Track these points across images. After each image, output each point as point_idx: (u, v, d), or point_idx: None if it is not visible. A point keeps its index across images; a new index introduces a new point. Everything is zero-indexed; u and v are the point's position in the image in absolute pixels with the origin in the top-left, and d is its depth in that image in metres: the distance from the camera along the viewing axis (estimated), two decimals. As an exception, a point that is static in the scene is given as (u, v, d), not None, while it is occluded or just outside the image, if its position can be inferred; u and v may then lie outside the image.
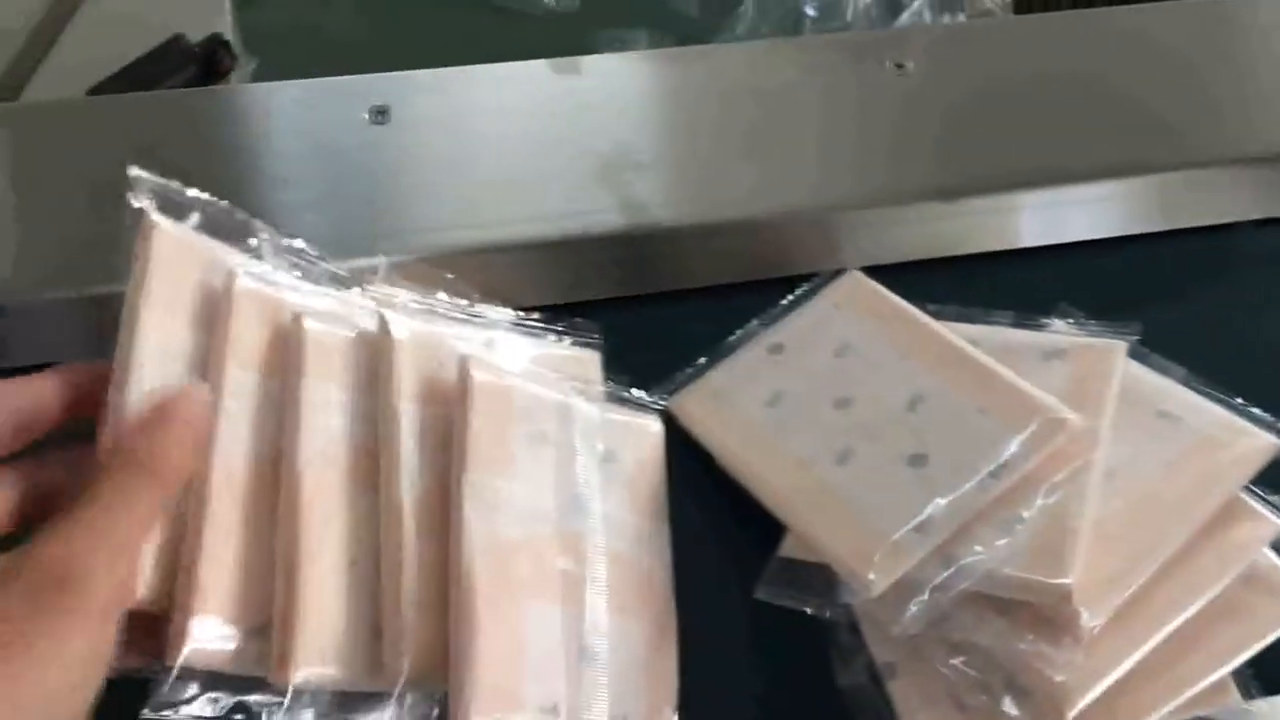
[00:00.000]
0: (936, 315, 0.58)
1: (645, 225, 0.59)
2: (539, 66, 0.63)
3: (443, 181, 0.59)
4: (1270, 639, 0.50)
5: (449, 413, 0.43)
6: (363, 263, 0.55)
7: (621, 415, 0.50)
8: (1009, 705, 0.47)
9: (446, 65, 0.64)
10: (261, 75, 1.23)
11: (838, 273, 0.59)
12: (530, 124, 0.61)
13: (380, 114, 0.61)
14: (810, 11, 1.57)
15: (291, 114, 0.62)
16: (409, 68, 0.63)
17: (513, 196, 0.59)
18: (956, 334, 0.55)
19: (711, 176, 0.60)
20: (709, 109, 0.62)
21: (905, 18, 1.62)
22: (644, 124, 0.61)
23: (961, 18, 1.64)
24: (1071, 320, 0.56)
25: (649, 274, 0.60)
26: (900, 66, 0.63)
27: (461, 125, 0.61)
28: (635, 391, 0.51)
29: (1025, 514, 0.46)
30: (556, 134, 0.61)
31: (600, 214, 0.59)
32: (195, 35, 0.87)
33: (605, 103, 0.62)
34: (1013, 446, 0.47)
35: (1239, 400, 0.55)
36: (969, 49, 0.61)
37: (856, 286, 0.58)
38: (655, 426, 0.51)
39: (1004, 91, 0.63)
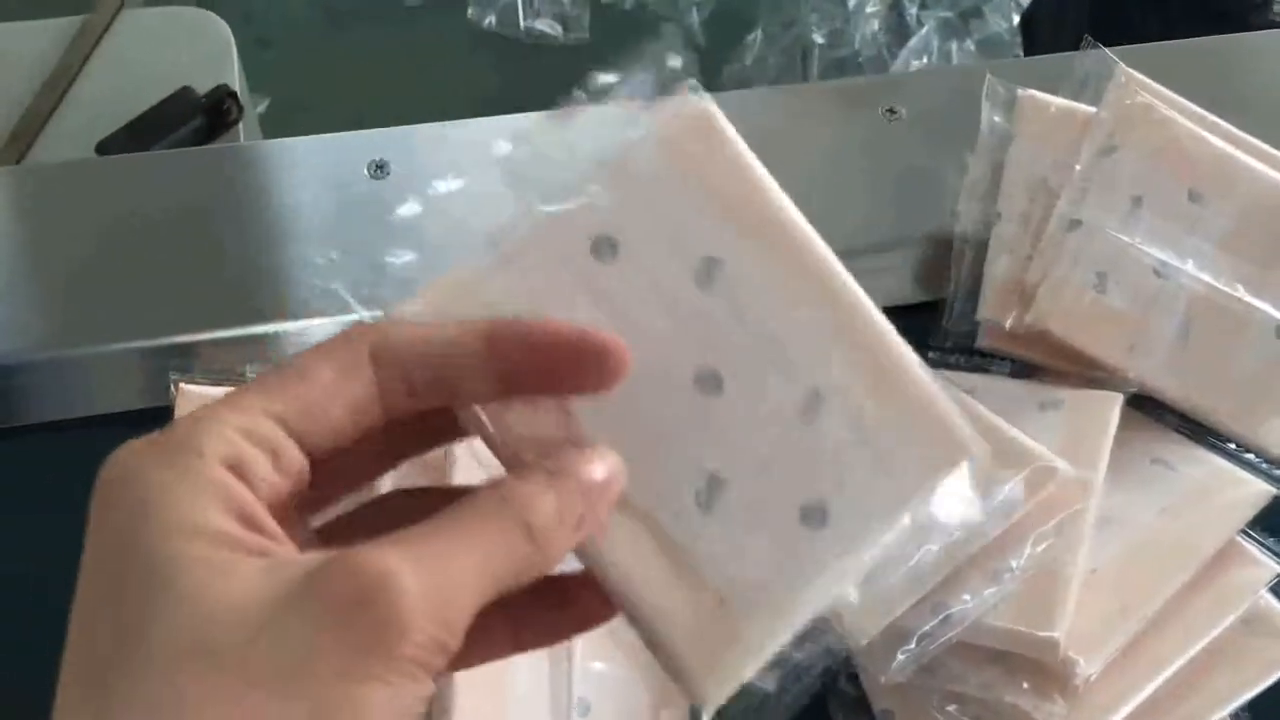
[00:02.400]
0: (935, 364, 0.59)
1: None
2: (537, 119, 0.65)
3: (437, 234, 0.61)
4: (1269, 682, 0.50)
5: None
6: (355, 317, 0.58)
7: None
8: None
9: (460, 102, 0.66)
10: (271, 116, 1.25)
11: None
12: (526, 176, 0.63)
13: (380, 169, 0.63)
14: (818, 39, 1.60)
15: (295, 170, 0.64)
16: (424, 108, 0.65)
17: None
18: (955, 383, 0.56)
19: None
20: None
21: (914, 42, 1.64)
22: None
23: (969, 44, 1.66)
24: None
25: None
26: (893, 112, 0.65)
27: (461, 177, 0.63)
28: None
29: (1015, 564, 0.47)
30: (551, 189, 0.62)
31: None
32: (202, 86, 0.89)
33: (592, 153, 0.63)
34: (1003, 493, 0.48)
35: (1233, 447, 0.56)
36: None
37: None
38: None
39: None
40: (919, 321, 0.60)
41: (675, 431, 0.31)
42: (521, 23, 1.45)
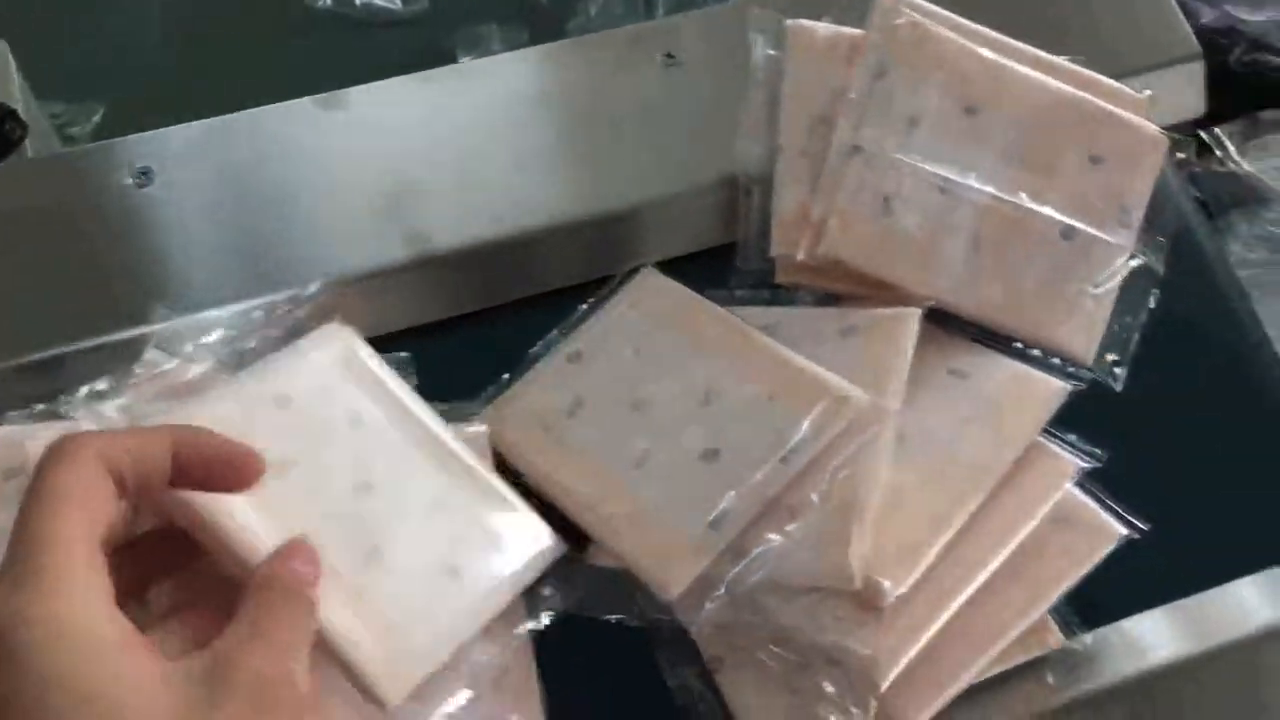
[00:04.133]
0: (742, 301, 0.60)
1: (435, 252, 0.60)
2: (304, 105, 0.63)
3: (214, 239, 0.59)
4: (1082, 574, 0.53)
5: None
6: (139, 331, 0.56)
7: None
8: (827, 685, 0.49)
9: (300, 85, 0.64)
10: (109, 123, 1.20)
11: (633, 271, 0.61)
12: (302, 166, 0.61)
13: (143, 174, 0.61)
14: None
15: (53, 185, 0.62)
16: (263, 97, 0.63)
17: (295, 244, 0.59)
18: (758, 319, 0.57)
19: (494, 193, 0.61)
20: (483, 125, 0.63)
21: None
22: (417, 149, 0.62)
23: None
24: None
25: (447, 299, 0.61)
26: (670, 56, 0.65)
27: (231, 178, 0.61)
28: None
29: (815, 496, 0.48)
30: (330, 173, 0.61)
31: (387, 249, 0.59)
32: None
33: (377, 133, 0.62)
34: (801, 430, 0.49)
35: (1031, 351, 0.58)
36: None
37: (649, 284, 0.60)
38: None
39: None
40: (719, 264, 0.61)
41: (349, 516, 0.45)
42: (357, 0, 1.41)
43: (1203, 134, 1.22)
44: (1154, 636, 0.55)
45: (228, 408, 0.46)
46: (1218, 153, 1.23)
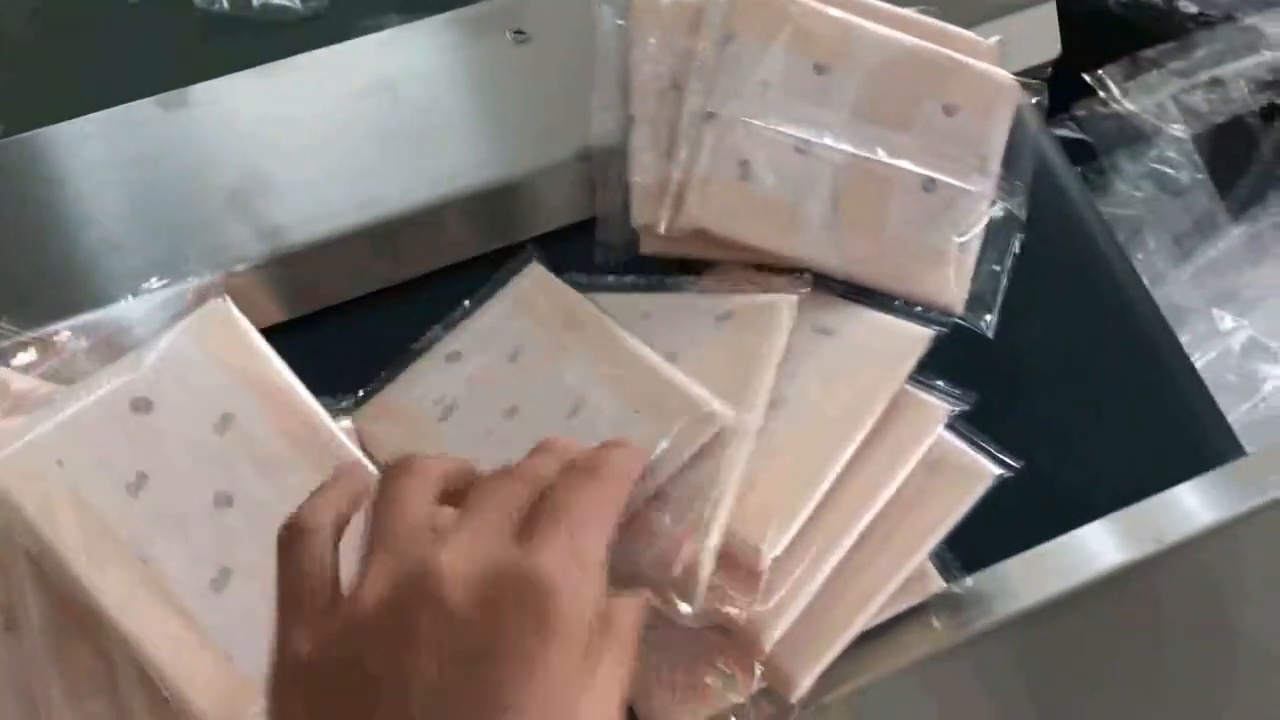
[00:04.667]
0: (621, 287, 0.59)
1: (289, 246, 0.59)
2: (145, 106, 0.62)
3: (53, 249, 0.58)
4: (957, 517, 0.53)
5: None
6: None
7: None
8: (715, 654, 0.49)
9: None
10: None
11: (515, 257, 0.60)
12: (147, 169, 0.60)
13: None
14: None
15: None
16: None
17: (143, 248, 0.58)
18: (635, 306, 0.57)
19: (348, 183, 0.60)
20: (333, 115, 0.62)
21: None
22: (266, 143, 0.61)
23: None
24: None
25: (308, 293, 0.60)
26: (520, 33, 0.64)
27: (70, 185, 0.60)
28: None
29: (667, 518, 0.48)
30: (176, 173, 0.60)
31: (241, 246, 0.58)
32: None
33: (223, 129, 0.61)
34: (660, 448, 0.49)
35: (897, 303, 0.58)
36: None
37: (532, 281, 0.59)
38: None
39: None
40: (582, 242, 0.61)
41: (196, 536, 0.44)
42: (254, 0, 1.39)
43: (1086, 76, 1.24)
44: (1031, 575, 0.55)
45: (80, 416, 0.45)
46: (1101, 94, 1.25)
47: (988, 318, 0.60)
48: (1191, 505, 0.58)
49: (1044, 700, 0.55)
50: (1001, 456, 0.55)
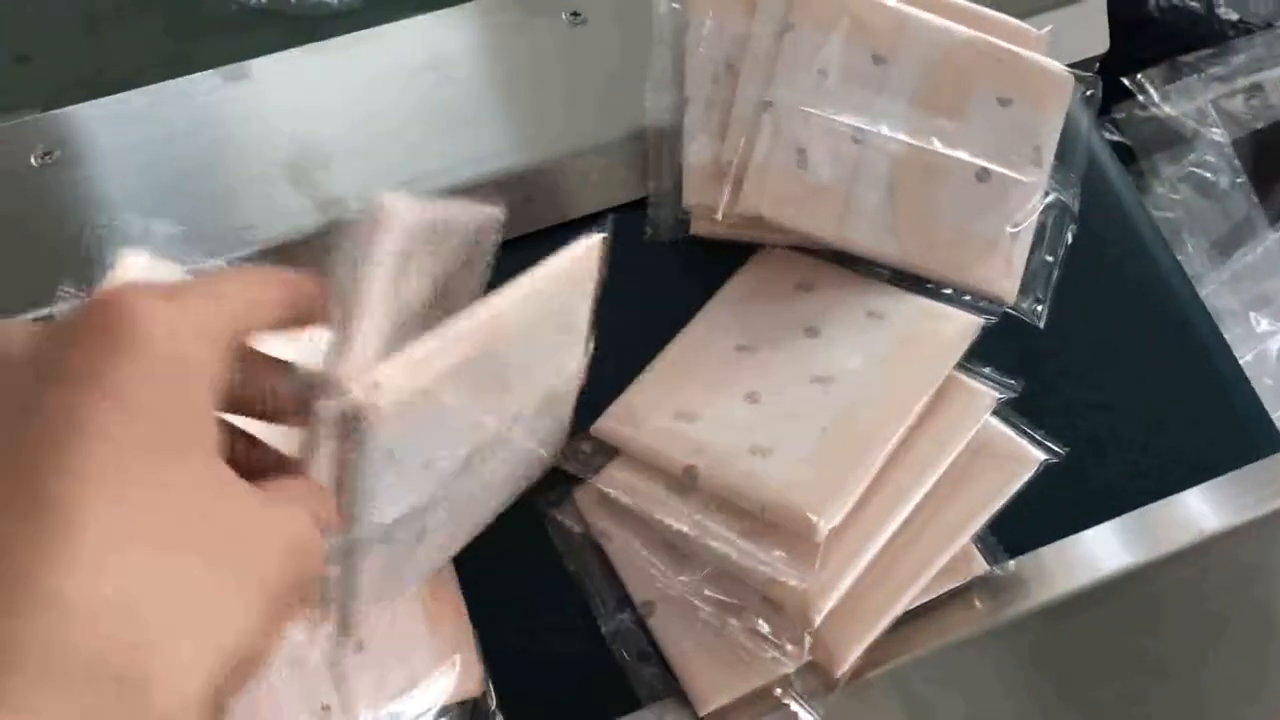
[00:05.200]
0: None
1: (349, 217, 0.60)
2: (207, 78, 0.63)
3: (118, 217, 0.59)
4: (1003, 502, 0.54)
5: None
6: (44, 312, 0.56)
7: None
8: (761, 624, 0.50)
9: None
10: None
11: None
12: (209, 140, 0.62)
13: (47, 155, 0.60)
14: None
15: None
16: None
17: (204, 218, 0.59)
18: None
19: (404, 157, 0.62)
20: (390, 90, 0.63)
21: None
22: (325, 117, 0.62)
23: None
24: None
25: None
26: (576, 15, 0.65)
27: (136, 155, 0.61)
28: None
29: None
30: (237, 145, 0.61)
31: (300, 217, 0.60)
32: None
33: (284, 102, 0.63)
34: None
35: (946, 291, 0.59)
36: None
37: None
38: None
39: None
40: (633, 221, 0.62)
41: None
42: None
43: (1125, 80, 1.24)
44: (1075, 559, 0.56)
45: None
46: (1140, 97, 1.26)
47: (1039, 308, 0.61)
48: (1233, 497, 0.58)
49: (1080, 685, 0.56)
50: (1046, 443, 0.56)
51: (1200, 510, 0.59)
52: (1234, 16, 1.28)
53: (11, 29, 1.37)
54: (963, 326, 0.57)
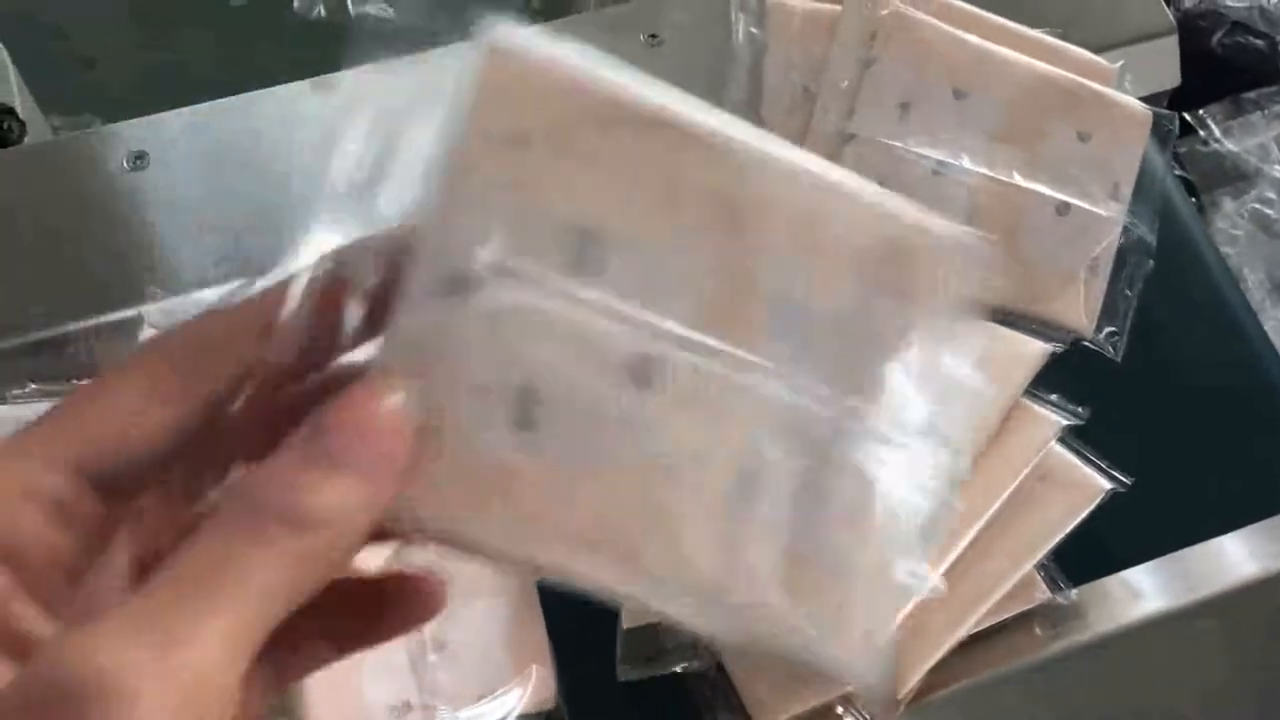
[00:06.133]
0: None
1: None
2: (297, 89, 0.65)
3: (206, 221, 0.61)
4: (1067, 530, 0.55)
5: None
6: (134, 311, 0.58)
7: None
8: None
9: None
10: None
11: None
12: (294, 148, 0.64)
13: (139, 159, 0.63)
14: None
15: (50, 170, 0.64)
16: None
17: (287, 225, 0.61)
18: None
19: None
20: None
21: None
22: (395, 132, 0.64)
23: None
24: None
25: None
26: (654, 37, 0.67)
27: (224, 162, 0.63)
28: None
29: None
30: (322, 155, 0.63)
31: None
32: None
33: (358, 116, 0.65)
34: None
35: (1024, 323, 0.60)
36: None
37: None
38: None
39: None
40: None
41: None
42: (351, 8, 1.44)
43: (1187, 115, 1.25)
44: (1137, 590, 0.57)
45: None
46: (1201, 133, 1.27)
47: (1117, 341, 0.62)
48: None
49: (1142, 714, 0.57)
50: (1113, 472, 0.57)
51: (1265, 543, 0.59)
52: (1298, 54, 1.28)
53: (77, 36, 1.41)
54: (1031, 353, 0.58)
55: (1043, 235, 0.61)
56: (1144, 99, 0.64)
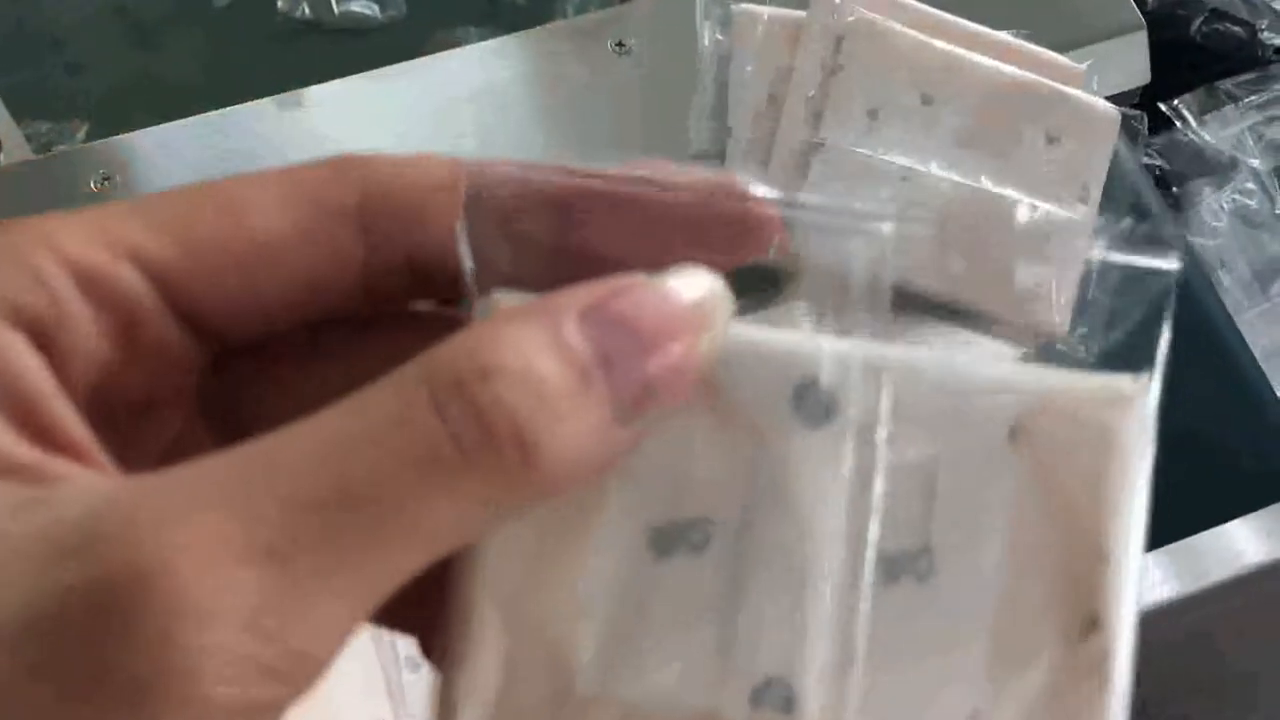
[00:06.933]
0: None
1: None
2: (263, 106, 0.65)
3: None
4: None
5: None
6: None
7: None
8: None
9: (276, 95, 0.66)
10: (95, 139, 1.21)
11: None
12: (263, 167, 0.63)
13: (106, 180, 0.63)
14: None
15: (17, 193, 0.64)
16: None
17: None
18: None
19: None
20: (437, 121, 0.65)
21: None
22: (375, 146, 0.64)
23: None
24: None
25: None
26: (621, 45, 0.67)
27: (193, 180, 0.63)
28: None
29: None
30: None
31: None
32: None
33: (335, 130, 0.65)
34: None
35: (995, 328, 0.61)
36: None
37: None
38: None
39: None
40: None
41: None
42: (335, 8, 1.44)
43: (1163, 106, 1.25)
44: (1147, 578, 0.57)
45: None
46: (1178, 124, 1.27)
47: (1089, 344, 0.62)
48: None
49: (1150, 700, 0.57)
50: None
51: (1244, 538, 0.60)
52: (1278, 42, 1.28)
53: (63, 39, 1.41)
54: (999, 359, 0.58)
55: (1011, 239, 0.61)
56: (1114, 97, 0.65)
